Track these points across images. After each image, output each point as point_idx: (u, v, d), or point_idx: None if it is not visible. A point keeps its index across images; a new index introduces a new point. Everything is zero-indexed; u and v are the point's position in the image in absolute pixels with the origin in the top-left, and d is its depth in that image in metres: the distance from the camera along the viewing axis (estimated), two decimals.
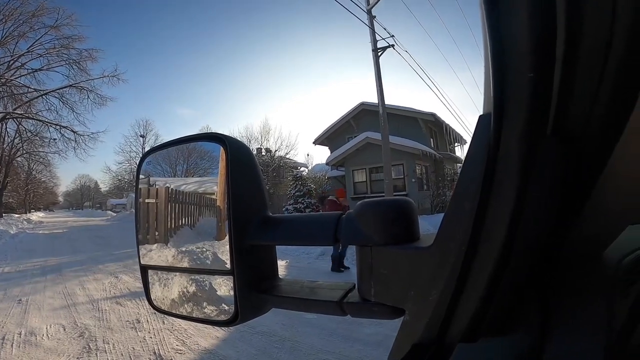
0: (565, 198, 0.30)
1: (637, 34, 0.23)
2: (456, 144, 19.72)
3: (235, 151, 0.45)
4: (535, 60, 0.26)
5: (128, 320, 4.04)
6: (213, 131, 0.53)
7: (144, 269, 0.54)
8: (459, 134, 18.52)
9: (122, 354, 3.17)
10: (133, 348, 3.29)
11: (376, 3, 10.92)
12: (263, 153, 23.21)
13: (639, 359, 0.25)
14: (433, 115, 16.18)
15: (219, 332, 3.54)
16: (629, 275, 0.32)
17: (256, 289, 0.42)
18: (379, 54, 11.17)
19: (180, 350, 3.23)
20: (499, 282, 0.31)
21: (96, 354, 3.18)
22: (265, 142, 24.12)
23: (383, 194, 11.36)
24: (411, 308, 0.35)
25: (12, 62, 19.49)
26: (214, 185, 0.48)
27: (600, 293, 0.32)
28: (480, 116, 0.31)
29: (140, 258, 0.53)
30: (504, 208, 0.29)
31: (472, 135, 0.32)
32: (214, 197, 0.49)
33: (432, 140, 17.24)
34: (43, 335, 3.65)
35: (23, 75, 20.11)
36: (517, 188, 0.28)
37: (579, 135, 0.28)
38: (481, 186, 0.30)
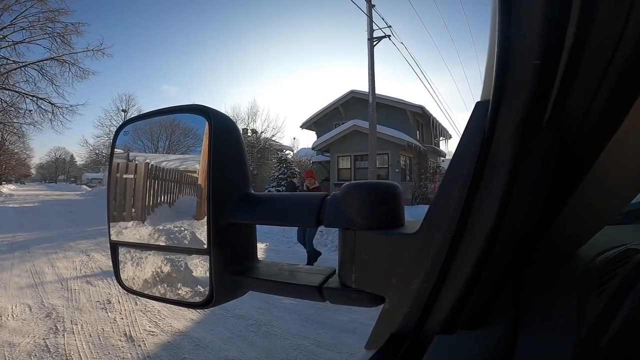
0: (551, 193, 0.30)
1: None
2: (441, 138, 20.03)
3: (220, 124, 0.43)
4: (543, 48, 0.25)
5: (98, 301, 3.94)
6: (197, 103, 0.51)
7: (114, 246, 0.51)
8: (444, 128, 18.78)
9: (90, 335, 3.09)
10: (102, 329, 3.22)
11: None
12: (249, 134, 22.80)
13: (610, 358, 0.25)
14: (422, 108, 16.27)
15: (193, 315, 3.51)
16: (603, 274, 0.32)
17: (233, 270, 0.41)
18: (375, 43, 11.09)
19: (152, 332, 3.18)
20: (480, 275, 0.30)
21: (63, 335, 3.08)
22: (252, 123, 23.76)
23: None
24: (392, 296, 0.34)
25: None
26: (196, 163, 0.46)
27: (572, 290, 0.32)
28: (477, 102, 0.30)
29: (111, 234, 0.51)
30: (493, 198, 0.28)
31: (467, 121, 0.31)
32: (195, 175, 0.47)
33: (418, 132, 17.34)
34: (8, 315, 3.51)
35: (3, 47, 18.90)
36: (507, 178, 0.28)
37: (573, 131, 0.28)
38: (472, 174, 0.29)
